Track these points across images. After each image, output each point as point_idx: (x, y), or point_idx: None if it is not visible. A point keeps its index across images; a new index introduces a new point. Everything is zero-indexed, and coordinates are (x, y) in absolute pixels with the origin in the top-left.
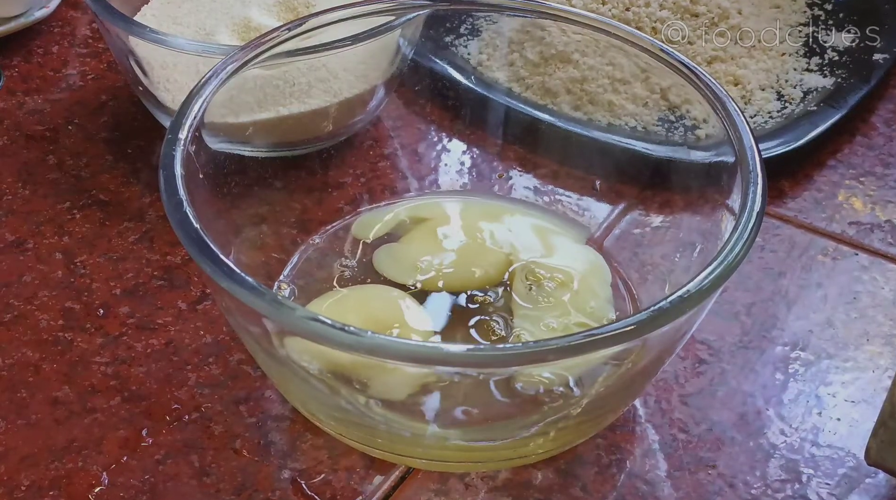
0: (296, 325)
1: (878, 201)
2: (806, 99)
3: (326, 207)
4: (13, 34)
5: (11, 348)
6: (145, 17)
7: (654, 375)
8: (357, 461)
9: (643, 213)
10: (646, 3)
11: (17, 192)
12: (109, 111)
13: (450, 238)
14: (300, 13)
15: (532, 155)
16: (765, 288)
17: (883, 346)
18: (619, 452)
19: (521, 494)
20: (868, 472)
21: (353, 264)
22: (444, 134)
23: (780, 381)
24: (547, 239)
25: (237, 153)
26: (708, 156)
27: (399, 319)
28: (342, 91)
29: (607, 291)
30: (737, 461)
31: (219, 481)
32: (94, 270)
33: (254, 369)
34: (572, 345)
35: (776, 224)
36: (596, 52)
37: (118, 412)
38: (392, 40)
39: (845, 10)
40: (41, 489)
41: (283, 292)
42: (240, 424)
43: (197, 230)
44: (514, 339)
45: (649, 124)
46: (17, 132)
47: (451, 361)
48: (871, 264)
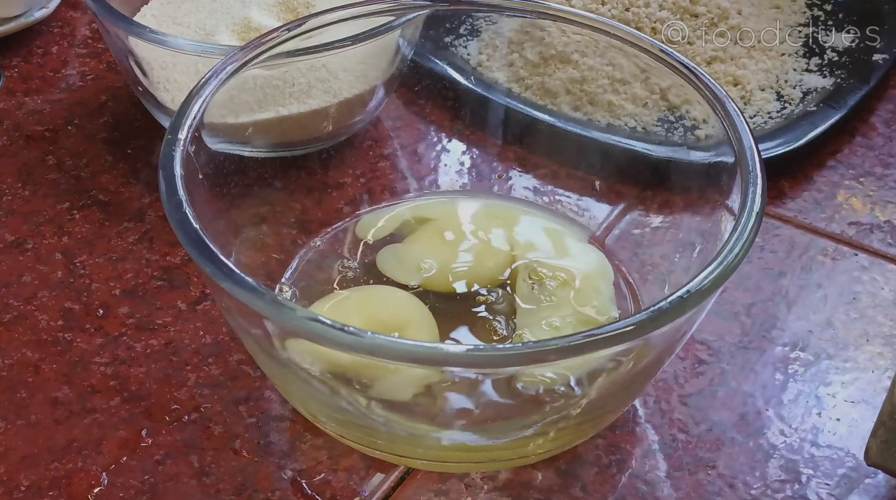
0: (296, 326)
1: (878, 202)
2: (805, 99)
3: (326, 207)
4: (13, 34)
5: (11, 348)
6: (145, 18)
7: (654, 375)
8: (357, 461)
9: (643, 213)
10: (645, 4)
11: (17, 192)
12: (109, 111)
13: (453, 238)
14: (300, 13)
15: (532, 155)
16: (765, 288)
17: (883, 346)
18: (619, 452)
19: (521, 494)
20: (868, 472)
21: (355, 264)
22: (443, 134)
23: (779, 381)
24: (549, 238)
25: (237, 153)
26: (707, 156)
27: (401, 319)
28: (342, 91)
29: (610, 290)
30: (737, 462)
31: (219, 481)
32: (94, 270)
33: (254, 370)
34: (572, 345)
35: (776, 224)
36: (595, 53)
37: (118, 413)
38: (392, 40)
39: (845, 10)
40: (41, 489)
41: (284, 295)
42: (239, 424)
43: (197, 231)
44: (516, 339)
45: (649, 125)
46: (16, 132)
47: (452, 361)
48: (871, 265)
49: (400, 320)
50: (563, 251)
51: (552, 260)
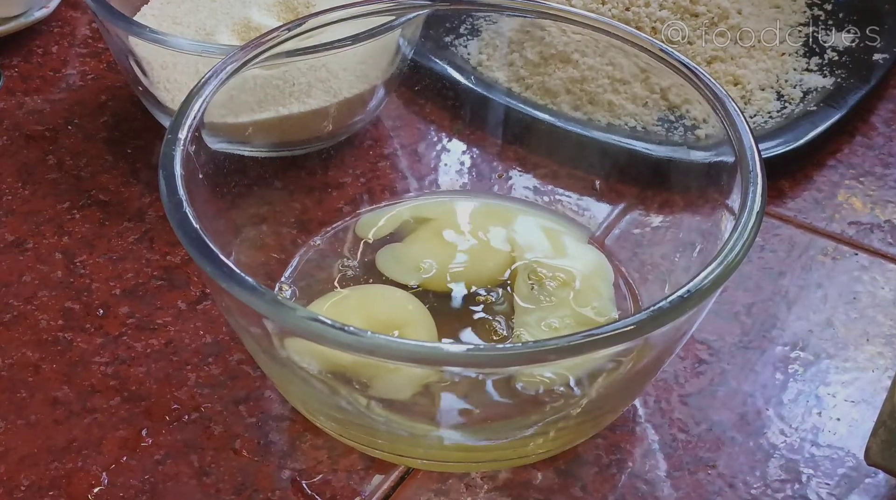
0: (296, 325)
1: (878, 201)
2: (806, 99)
3: (326, 207)
4: (13, 34)
5: (11, 348)
6: (145, 17)
7: (654, 375)
8: (357, 461)
9: (643, 213)
10: (646, 3)
11: (17, 192)
12: (109, 111)
13: (453, 238)
14: (300, 13)
15: (532, 155)
16: (765, 288)
17: (883, 346)
18: (619, 452)
19: (521, 494)
20: (868, 472)
21: (355, 264)
22: (443, 134)
23: (779, 381)
24: (549, 238)
25: (237, 153)
26: (708, 156)
27: (401, 319)
28: (342, 91)
29: (609, 290)
30: (736, 461)
31: (219, 481)
32: (94, 270)
33: (254, 369)
34: (572, 345)
35: (776, 224)
36: (596, 52)
37: (118, 412)
38: (392, 40)
39: (845, 10)
40: (41, 489)
41: (283, 294)
42: (239, 424)
43: (197, 230)
44: (515, 339)
45: (649, 124)
46: (16, 132)
47: (452, 361)
48: (871, 264)
49: (399, 319)
50: (562, 252)
51: (552, 260)
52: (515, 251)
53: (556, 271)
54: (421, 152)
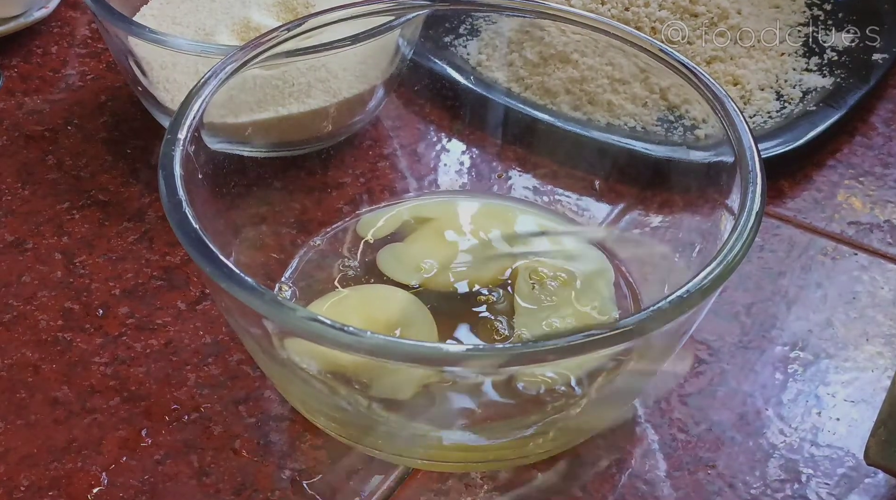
0: (295, 325)
1: (878, 201)
2: (805, 99)
3: (326, 207)
4: (13, 34)
5: (11, 348)
6: (145, 18)
7: (654, 375)
8: (357, 461)
9: (643, 213)
10: (645, 3)
11: (16, 192)
12: (109, 111)
13: (454, 238)
14: (300, 13)
15: (532, 155)
16: (764, 288)
17: (882, 346)
18: (619, 452)
19: (521, 494)
20: (867, 472)
21: (356, 264)
22: (443, 134)
23: (779, 381)
24: (549, 238)
25: (237, 153)
26: (707, 156)
27: (401, 319)
28: (342, 91)
29: (610, 290)
30: (736, 461)
31: (218, 481)
32: (94, 270)
33: (253, 369)
34: (572, 345)
35: (776, 224)
36: (595, 52)
37: (118, 413)
38: (392, 40)
39: (845, 10)
40: (41, 489)
41: (283, 294)
42: (239, 424)
43: (196, 231)
44: (517, 339)
45: (648, 124)
46: (16, 132)
47: (452, 361)
48: (871, 264)
49: (399, 319)
50: (563, 251)
51: (553, 260)
52: (517, 251)
53: (557, 270)
54: (421, 152)
